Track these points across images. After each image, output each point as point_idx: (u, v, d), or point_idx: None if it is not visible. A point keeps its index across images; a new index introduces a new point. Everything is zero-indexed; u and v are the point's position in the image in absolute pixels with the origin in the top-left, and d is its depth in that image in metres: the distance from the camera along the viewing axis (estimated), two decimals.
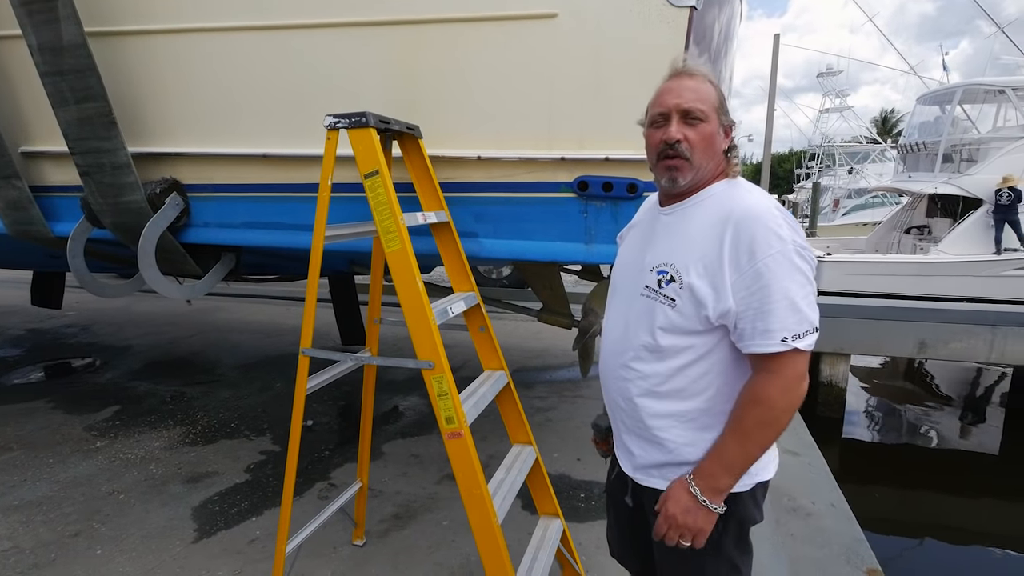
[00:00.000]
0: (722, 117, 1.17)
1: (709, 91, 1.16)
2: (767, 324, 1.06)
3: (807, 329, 1.06)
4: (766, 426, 1.09)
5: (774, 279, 1.05)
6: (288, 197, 2.40)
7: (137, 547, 2.41)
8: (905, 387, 8.42)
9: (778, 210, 1.10)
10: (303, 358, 1.82)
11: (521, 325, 5.88)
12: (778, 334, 1.05)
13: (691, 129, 1.13)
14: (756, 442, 1.09)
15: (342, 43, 2.11)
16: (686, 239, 1.14)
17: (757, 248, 1.06)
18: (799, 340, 1.05)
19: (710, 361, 1.14)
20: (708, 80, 1.17)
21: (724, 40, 2.44)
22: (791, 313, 1.05)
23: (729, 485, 1.12)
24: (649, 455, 1.22)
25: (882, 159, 21.55)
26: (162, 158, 2.42)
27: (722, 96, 1.18)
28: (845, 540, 2.54)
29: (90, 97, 2.22)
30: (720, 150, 1.18)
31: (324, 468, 3.12)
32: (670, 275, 1.14)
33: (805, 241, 1.09)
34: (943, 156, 10.30)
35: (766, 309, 1.05)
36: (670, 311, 1.13)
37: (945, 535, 4.98)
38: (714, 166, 1.18)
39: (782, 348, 1.05)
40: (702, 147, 1.14)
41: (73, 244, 2.57)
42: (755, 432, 1.09)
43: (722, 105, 1.17)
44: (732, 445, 1.11)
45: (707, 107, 1.14)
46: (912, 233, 10.83)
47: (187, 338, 5.69)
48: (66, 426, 3.59)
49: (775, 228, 1.06)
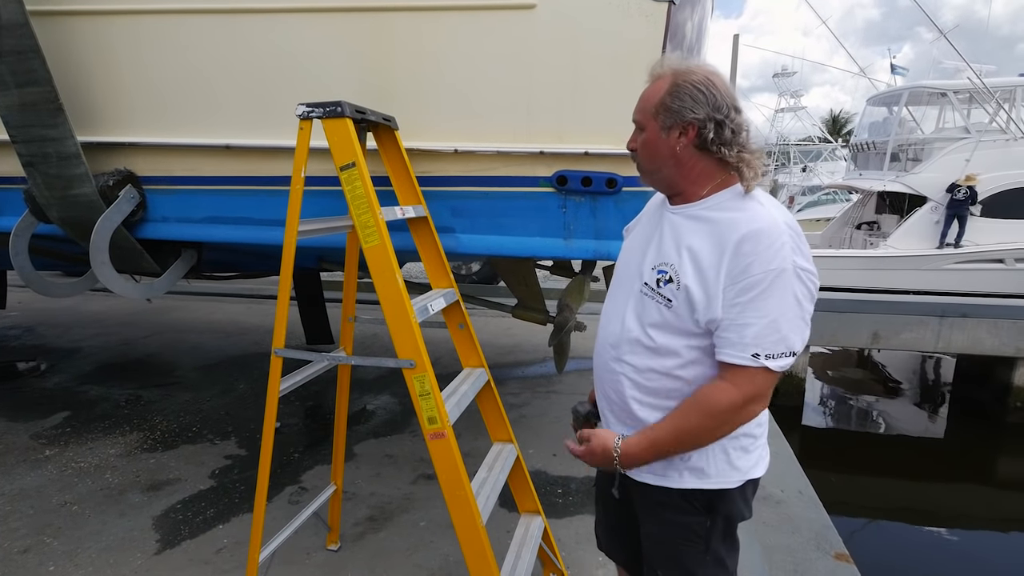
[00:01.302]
0: (663, 118, 1.10)
1: (652, 94, 1.12)
2: (742, 336, 1.05)
3: (782, 351, 1.05)
4: (705, 432, 1.11)
5: (761, 296, 1.04)
6: (254, 191, 2.29)
7: (94, 561, 2.27)
8: (856, 375, 8.80)
9: (788, 228, 1.07)
10: (276, 359, 1.75)
11: (491, 321, 5.85)
12: (750, 348, 1.05)
13: (638, 138, 1.17)
14: (690, 443, 1.13)
15: (312, 29, 2.03)
16: (689, 243, 1.12)
17: (754, 263, 1.04)
18: (771, 360, 1.05)
19: (703, 367, 1.13)
20: (662, 76, 1.12)
21: (697, 37, 2.47)
22: (770, 332, 1.04)
23: (647, 462, 1.17)
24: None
25: (833, 157, 22.46)
26: (115, 148, 2.27)
27: (674, 92, 1.09)
28: (814, 526, 2.62)
29: (33, 81, 2.06)
30: (668, 153, 1.12)
31: (294, 471, 3.02)
32: (669, 275, 1.13)
33: (810, 264, 1.07)
34: (891, 155, 10.80)
35: (745, 322, 1.05)
36: (665, 311, 1.13)
37: (899, 515, 5.24)
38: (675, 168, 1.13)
39: (751, 363, 1.05)
40: (645, 155, 1.16)
41: (16, 240, 2.40)
42: (694, 433, 1.11)
43: (664, 106, 1.10)
44: (667, 436, 1.13)
45: (643, 115, 1.14)
46: (863, 229, 11.34)
47: (141, 339, 5.42)
48: (10, 434, 3.36)
49: (777, 247, 1.04)
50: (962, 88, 10.30)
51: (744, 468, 1.18)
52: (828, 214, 14.90)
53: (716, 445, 1.15)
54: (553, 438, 3.42)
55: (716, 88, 1.09)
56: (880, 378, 8.67)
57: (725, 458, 1.15)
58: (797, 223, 1.11)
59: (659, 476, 1.19)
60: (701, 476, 1.16)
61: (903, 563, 4.59)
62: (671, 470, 1.18)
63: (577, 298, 2.89)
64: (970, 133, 9.98)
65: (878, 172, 11.00)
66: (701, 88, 1.08)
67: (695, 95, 1.08)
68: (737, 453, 1.17)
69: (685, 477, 1.17)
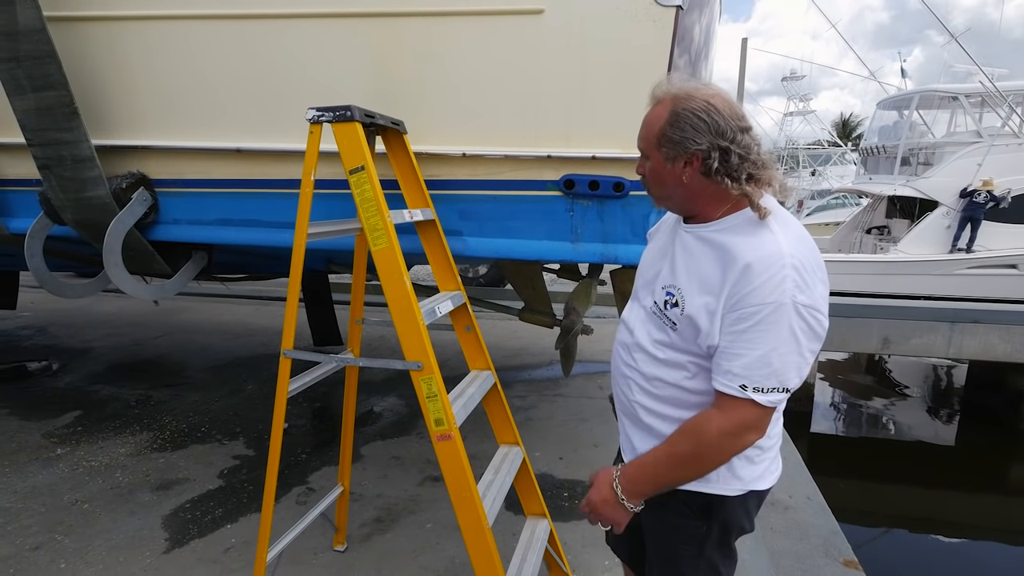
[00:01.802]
0: (665, 150, 1.08)
1: (653, 121, 1.09)
2: (732, 366, 1.04)
3: (773, 386, 1.02)
4: (697, 459, 1.10)
5: (755, 328, 1.01)
6: (264, 193, 2.31)
7: (104, 559, 2.30)
8: (866, 381, 8.72)
9: (791, 259, 1.01)
10: (284, 360, 1.76)
11: (498, 324, 5.85)
12: (739, 379, 1.03)
13: (644, 165, 1.16)
14: (683, 471, 1.12)
15: (322, 35, 2.05)
16: (697, 268, 1.11)
17: (751, 293, 1.01)
18: (759, 393, 1.02)
19: (708, 380, 1.13)
20: (666, 103, 1.08)
21: (705, 41, 2.47)
22: (760, 365, 1.01)
23: (648, 493, 1.15)
24: (649, 447, 1.22)
25: (843, 161, 22.31)
26: (129, 151, 2.30)
27: (674, 120, 1.06)
28: (822, 532, 2.60)
29: (49, 85, 2.09)
30: (675, 182, 1.09)
31: (302, 472, 3.04)
32: (675, 299, 1.13)
33: (814, 300, 1.01)
34: (901, 159, 10.71)
35: (736, 352, 1.03)
36: (671, 332, 1.14)
37: (908, 524, 5.18)
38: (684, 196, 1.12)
39: (737, 393, 1.04)
40: (652, 182, 1.16)
41: (31, 242, 2.43)
42: (687, 462, 1.11)
43: (665, 136, 1.07)
44: (661, 462, 1.13)
45: (646, 143, 1.13)
46: (873, 233, 11.24)
47: (152, 340, 5.47)
48: (22, 433, 3.40)
49: (777, 280, 0.99)
50: (974, 92, 10.20)
51: (747, 478, 1.17)
52: (837, 218, 14.79)
53: None
54: (559, 441, 3.42)
55: (717, 112, 1.04)
56: (890, 384, 8.59)
57: (727, 465, 1.15)
58: (810, 254, 1.04)
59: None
60: (702, 480, 1.16)
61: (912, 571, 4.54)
62: None
63: (584, 301, 2.89)
64: (982, 137, 9.88)
65: (888, 176, 10.91)
66: (701, 116, 1.04)
67: (696, 124, 1.04)
68: (741, 462, 1.16)
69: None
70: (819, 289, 1.03)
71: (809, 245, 1.06)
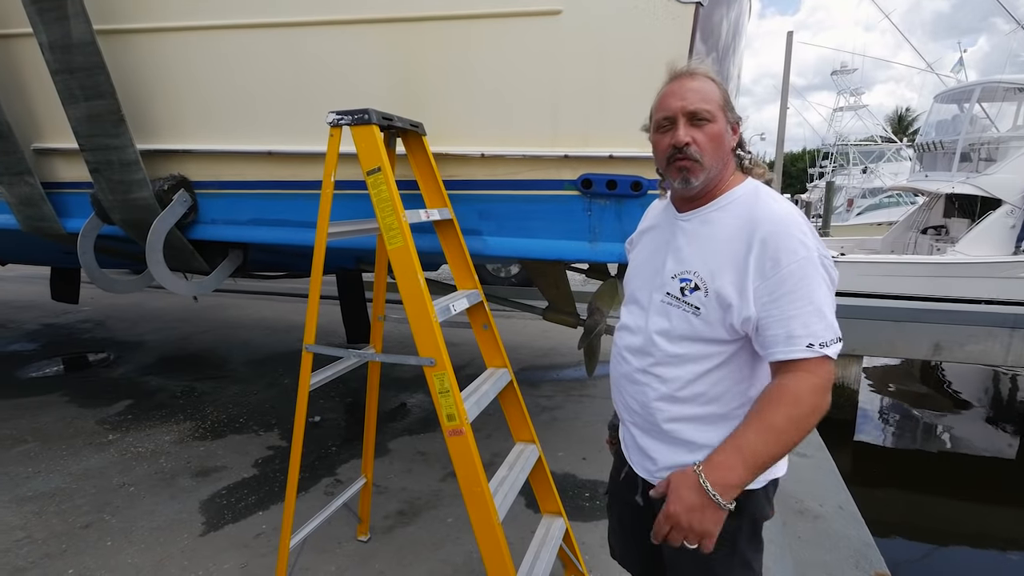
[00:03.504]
0: (728, 114, 1.15)
1: (712, 89, 1.14)
2: (790, 330, 1.03)
3: (832, 338, 1.03)
4: (796, 424, 1.00)
5: (800, 285, 1.03)
6: (294, 194, 2.41)
7: (146, 539, 2.44)
8: (920, 389, 8.29)
9: (802, 219, 1.10)
10: (306, 354, 1.83)
11: (530, 323, 5.87)
12: (803, 340, 1.02)
13: (698, 131, 1.12)
14: (783, 440, 1.01)
15: (347, 40, 2.12)
16: (712, 246, 1.12)
17: (782, 255, 1.04)
18: (826, 347, 1.02)
19: (729, 367, 1.14)
20: (710, 78, 1.15)
21: (732, 37, 2.41)
22: (817, 319, 1.02)
23: (746, 481, 1.02)
24: (668, 456, 1.20)
25: (898, 158, 21.22)
26: (170, 155, 2.44)
27: (726, 93, 1.16)
28: (854, 544, 2.50)
29: (99, 94, 2.24)
30: (729, 148, 1.16)
31: (330, 464, 3.14)
32: (694, 283, 1.12)
33: (828, 252, 1.08)
34: (961, 155, 10.12)
35: (791, 314, 1.03)
36: (694, 319, 1.12)
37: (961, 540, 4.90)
38: (723, 165, 1.16)
39: (808, 354, 1.02)
40: (711, 148, 1.12)
41: (83, 240, 2.61)
42: (785, 429, 1.00)
43: (727, 102, 1.15)
44: (756, 440, 1.01)
45: (713, 107, 1.12)
46: (929, 233, 10.66)
47: (198, 334, 5.76)
48: (79, 419, 3.65)
49: (800, 236, 1.05)
50: None
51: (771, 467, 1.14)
52: (890, 218, 14.11)
53: None
54: (584, 441, 3.40)
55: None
56: (947, 393, 8.13)
57: None
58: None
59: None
60: None
61: None
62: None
63: (608, 301, 2.87)
64: None
65: (946, 173, 10.32)
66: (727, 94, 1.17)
67: (730, 98, 1.17)
68: None
69: None
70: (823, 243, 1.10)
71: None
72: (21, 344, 5.37)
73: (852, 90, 26.09)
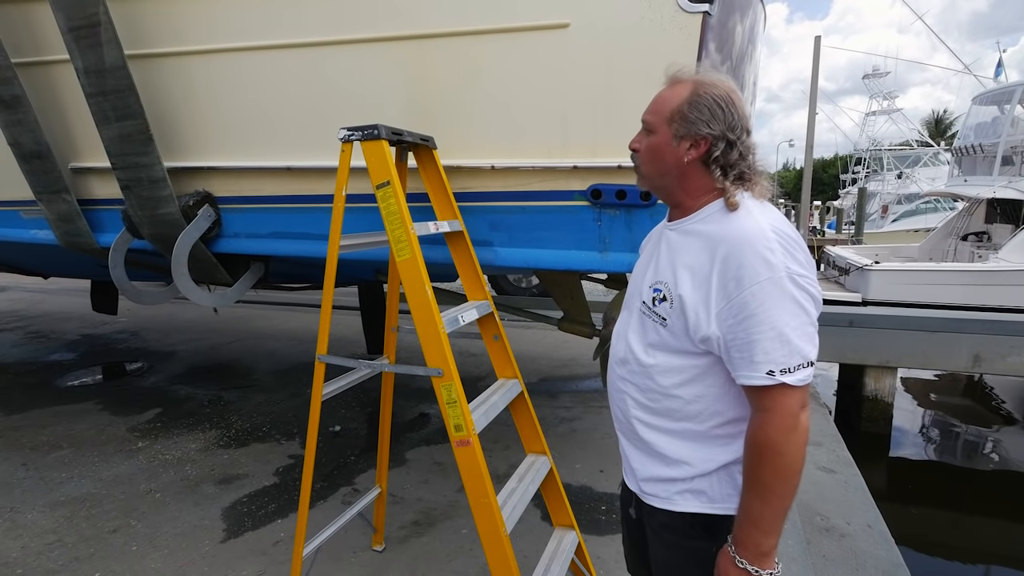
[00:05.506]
0: (675, 127, 1.07)
1: (669, 99, 1.08)
2: (751, 355, 0.99)
3: (798, 363, 0.98)
4: (782, 474, 1.00)
5: (761, 308, 0.98)
6: (312, 208, 2.47)
7: (169, 544, 2.51)
8: (963, 403, 7.93)
9: (774, 232, 1.01)
10: (319, 364, 1.87)
11: (549, 334, 5.85)
12: (763, 367, 0.98)
13: (645, 139, 1.13)
14: (782, 492, 1.01)
15: (362, 59, 2.17)
16: (681, 259, 1.10)
17: (744, 275, 0.99)
18: (787, 375, 0.98)
19: (704, 385, 1.10)
20: (687, 85, 1.08)
21: (746, 45, 2.39)
22: (779, 345, 0.98)
23: (773, 545, 1.03)
24: (647, 468, 1.19)
25: (935, 163, 20.53)
26: (195, 172, 2.54)
27: (693, 104, 1.06)
28: (882, 564, 2.41)
29: (130, 115, 2.35)
30: (675, 161, 1.08)
31: (349, 473, 3.18)
32: (663, 294, 1.11)
33: (805, 268, 1.01)
34: (1002, 158, 9.74)
35: (751, 340, 0.99)
36: (661, 329, 1.11)
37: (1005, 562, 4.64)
38: (673, 177, 1.10)
39: (767, 382, 0.99)
40: (646, 158, 1.13)
41: (114, 254, 2.72)
42: (774, 484, 1.01)
43: (679, 115, 1.06)
44: (758, 505, 1.02)
45: (656, 118, 1.10)
46: (970, 240, 10.25)
47: (226, 344, 5.92)
48: (111, 427, 3.78)
49: (764, 254, 0.99)
50: None
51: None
52: (927, 224, 13.63)
53: (721, 468, 1.10)
54: (602, 453, 3.36)
55: (735, 106, 1.06)
56: (990, 407, 7.76)
57: (730, 480, 1.10)
58: (792, 228, 1.05)
59: (664, 500, 1.16)
60: (704, 500, 1.12)
61: None
62: (675, 493, 1.14)
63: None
64: None
65: (987, 177, 9.94)
66: (722, 104, 1.05)
67: (714, 110, 1.05)
68: (737, 476, 1.10)
69: (688, 500, 1.13)
70: (803, 256, 1.02)
71: (789, 224, 1.06)
72: (61, 354, 5.61)
73: (885, 94, 25.40)
